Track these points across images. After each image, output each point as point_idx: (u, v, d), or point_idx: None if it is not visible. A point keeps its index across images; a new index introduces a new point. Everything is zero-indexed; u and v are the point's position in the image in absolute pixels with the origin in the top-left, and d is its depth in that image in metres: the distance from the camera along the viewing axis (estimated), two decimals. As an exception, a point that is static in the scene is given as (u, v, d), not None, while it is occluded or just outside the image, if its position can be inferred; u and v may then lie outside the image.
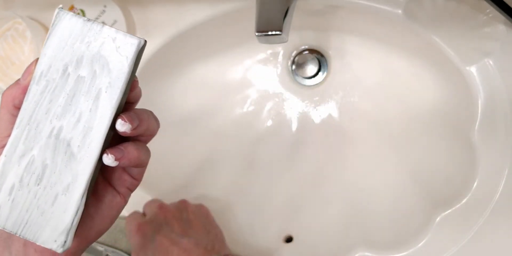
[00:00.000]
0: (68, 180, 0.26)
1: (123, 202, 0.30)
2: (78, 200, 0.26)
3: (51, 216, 0.26)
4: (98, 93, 0.25)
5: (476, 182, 0.45)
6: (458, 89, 0.47)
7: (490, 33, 0.44)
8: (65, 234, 0.26)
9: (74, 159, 0.26)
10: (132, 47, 0.25)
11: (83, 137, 0.26)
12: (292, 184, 0.58)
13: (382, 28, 0.51)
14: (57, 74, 0.26)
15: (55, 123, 0.26)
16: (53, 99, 0.26)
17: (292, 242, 0.56)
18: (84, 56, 0.25)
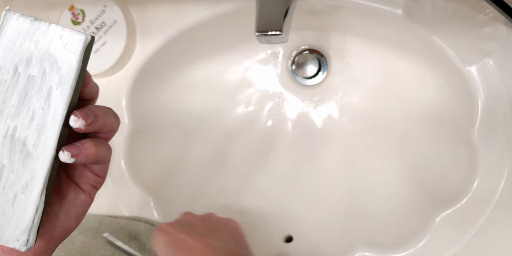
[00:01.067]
0: (26, 178, 0.26)
1: (88, 200, 0.30)
2: (37, 197, 0.26)
3: (12, 215, 0.26)
4: (49, 91, 0.26)
5: (476, 182, 0.45)
6: (458, 89, 0.47)
7: (490, 33, 0.44)
8: (26, 232, 0.26)
9: (31, 158, 0.26)
10: (79, 43, 0.26)
11: (38, 135, 0.26)
12: (293, 185, 0.58)
13: (382, 28, 0.51)
14: (8, 75, 0.26)
15: (10, 123, 0.26)
16: (6, 100, 0.26)
17: (292, 242, 0.56)
18: (33, 55, 0.26)
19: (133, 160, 0.57)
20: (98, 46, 0.56)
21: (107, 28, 0.55)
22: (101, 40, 0.55)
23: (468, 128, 0.45)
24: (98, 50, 0.56)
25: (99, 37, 0.56)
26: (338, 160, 0.57)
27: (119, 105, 0.56)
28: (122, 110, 0.56)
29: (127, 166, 0.56)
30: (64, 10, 0.57)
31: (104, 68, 0.55)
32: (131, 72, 0.56)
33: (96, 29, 0.56)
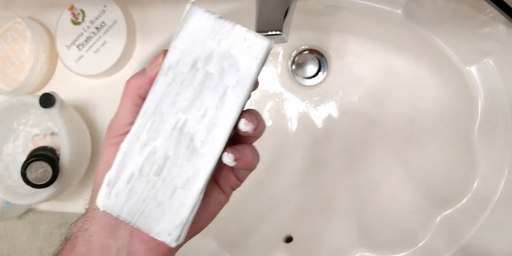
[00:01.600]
0: (189, 174, 0.25)
1: (225, 200, 0.31)
2: (197, 195, 0.26)
3: (167, 209, 0.26)
4: (225, 91, 0.25)
5: (476, 182, 0.45)
6: (458, 89, 0.47)
7: (490, 33, 0.44)
8: (180, 228, 0.26)
9: (196, 154, 0.25)
10: (262, 49, 0.25)
11: (207, 133, 0.25)
12: (292, 185, 0.58)
13: (382, 28, 0.51)
14: (186, 68, 0.25)
15: (180, 116, 0.25)
16: (180, 92, 0.25)
17: (292, 242, 0.56)
18: (214, 53, 0.25)
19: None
20: (98, 46, 0.56)
21: (107, 28, 0.55)
22: (101, 40, 0.55)
23: (468, 128, 0.45)
24: (98, 50, 0.56)
25: (99, 37, 0.56)
26: (338, 160, 0.57)
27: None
28: (122, 110, 0.56)
29: (127, 166, 0.56)
30: (64, 10, 0.57)
31: (104, 68, 0.55)
32: (131, 72, 0.56)
33: (96, 29, 0.56)
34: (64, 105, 0.52)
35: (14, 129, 0.57)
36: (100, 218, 0.28)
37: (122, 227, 0.28)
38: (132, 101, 0.27)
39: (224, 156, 0.26)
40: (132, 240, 0.28)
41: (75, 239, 0.29)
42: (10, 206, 0.57)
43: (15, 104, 0.54)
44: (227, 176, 0.30)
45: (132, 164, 0.26)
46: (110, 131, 0.28)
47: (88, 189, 0.58)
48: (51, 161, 0.50)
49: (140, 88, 0.27)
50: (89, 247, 0.28)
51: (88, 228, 0.29)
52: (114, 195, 0.26)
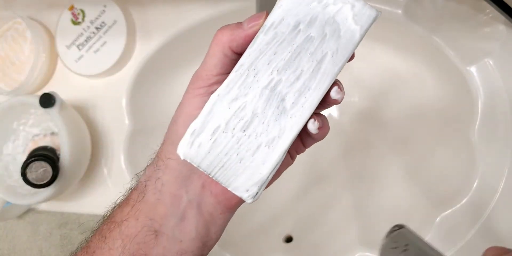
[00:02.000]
0: (275, 133, 0.26)
1: (291, 162, 0.32)
2: (280, 155, 0.26)
3: (249, 165, 0.26)
4: (324, 56, 0.25)
5: (476, 182, 0.44)
6: (458, 89, 0.47)
7: (490, 33, 0.44)
8: (259, 185, 0.26)
9: (285, 115, 0.26)
10: (369, 18, 0.25)
11: (299, 95, 0.25)
12: (292, 185, 0.58)
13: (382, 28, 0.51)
14: (287, 29, 0.25)
15: (275, 75, 0.25)
16: (277, 52, 0.25)
17: (292, 242, 0.56)
18: (318, 16, 0.25)
19: (133, 160, 0.57)
20: (98, 46, 0.56)
21: (107, 28, 0.55)
22: (101, 40, 0.55)
23: (468, 128, 0.45)
24: (98, 50, 0.56)
25: (99, 37, 0.56)
26: (338, 160, 0.57)
27: (119, 105, 0.56)
28: (122, 110, 0.56)
29: (127, 166, 0.56)
30: (64, 10, 0.57)
31: (104, 68, 0.55)
32: (131, 72, 0.56)
33: (96, 29, 0.56)
34: (64, 105, 0.52)
35: (14, 129, 0.57)
36: (174, 168, 0.28)
37: (194, 179, 0.29)
38: (222, 51, 0.27)
39: (309, 123, 0.26)
40: (203, 192, 0.29)
41: (145, 188, 0.29)
42: (10, 206, 0.57)
43: (15, 104, 0.54)
44: (296, 142, 0.30)
45: (220, 117, 0.26)
46: (196, 81, 0.28)
47: (89, 189, 0.58)
48: (51, 161, 0.50)
49: (233, 41, 0.26)
50: (160, 196, 0.29)
51: (160, 177, 0.29)
52: (196, 145, 0.26)
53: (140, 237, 0.28)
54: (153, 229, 0.28)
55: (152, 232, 0.28)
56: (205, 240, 0.30)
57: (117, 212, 0.30)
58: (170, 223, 0.29)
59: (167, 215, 0.29)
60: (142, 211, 0.29)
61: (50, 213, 0.59)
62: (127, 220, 0.29)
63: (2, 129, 0.57)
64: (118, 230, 0.29)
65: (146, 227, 0.28)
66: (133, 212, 0.29)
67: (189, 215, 0.29)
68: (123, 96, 0.56)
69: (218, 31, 0.27)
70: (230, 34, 0.26)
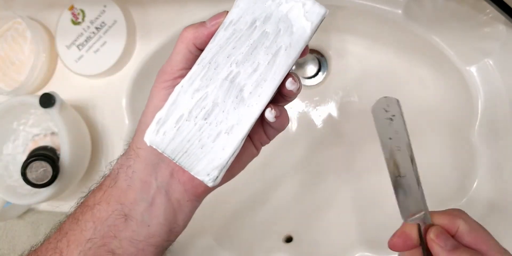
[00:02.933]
0: (233, 121, 0.27)
1: (256, 153, 0.34)
2: (238, 141, 0.28)
3: (209, 150, 0.28)
4: (278, 50, 0.27)
5: (476, 182, 0.45)
6: (458, 89, 0.47)
7: (490, 33, 0.44)
8: (218, 169, 0.28)
9: (243, 104, 0.27)
10: (318, 15, 0.27)
11: (256, 86, 0.27)
12: (292, 184, 0.58)
13: (382, 28, 0.51)
14: (245, 25, 0.27)
15: (234, 68, 0.28)
16: (236, 46, 0.27)
17: (292, 242, 0.56)
18: (272, 14, 0.27)
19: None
20: (98, 46, 0.56)
21: (107, 28, 0.55)
22: (101, 40, 0.55)
23: (468, 128, 0.45)
24: (98, 50, 0.56)
25: (99, 37, 0.56)
26: (338, 160, 0.57)
27: (119, 105, 0.56)
28: (122, 110, 0.56)
29: (127, 166, 0.56)
30: (64, 10, 0.57)
31: (104, 68, 0.55)
32: (131, 72, 0.56)
33: (96, 29, 0.56)
34: (64, 105, 0.52)
35: (14, 129, 0.57)
36: (144, 156, 0.30)
37: (162, 167, 0.30)
38: (186, 47, 0.29)
39: (267, 112, 0.28)
40: (171, 180, 0.31)
41: (117, 175, 0.31)
42: (10, 206, 0.57)
43: (15, 104, 0.54)
44: (259, 133, 0.32)
45: (183, 106, 0.28)
46: (162, 75, 0.30)
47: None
48: (51, 161, 0.50)
49: (197, 38, 0.28)
50: (131, 182, 0.30)
51: (131, 165, 0.31)
52: (162, 133, 0.28)
53: (110, 220, 0.30)
54: (123, 213, 0.30)
55: (122, 216, 0.30)
56: (172, 226, 0.31)
57: (90, 197, 0.32)
58: (139, 208, 0.30)
59: (136, 200, 0.30)
60: (113, 196, 0.30)
61: (50, 213, 0.59)
62: (99, 204, 0.31)
63: (2, 129, 0.57)
64: (90, 213, 0.30)
65: (117, 211, 0.30)
66: (105, 197, 0.31)
67: (158, 201, 0.30)
68: (123, 96, 0.56)
69: (183, 30, 0.29)
70: (194, 32, 0.28)
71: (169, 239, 0.32)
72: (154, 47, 0.55)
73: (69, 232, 0.31)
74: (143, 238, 0.30)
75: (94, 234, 0.30)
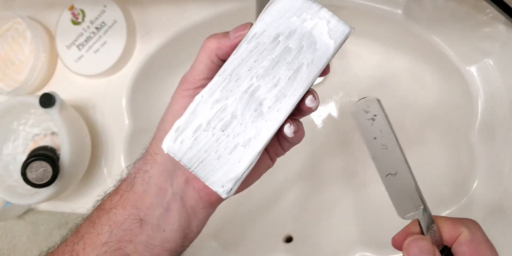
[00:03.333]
0: (251, 135, 0.28)
1: (272, 165, 0.34)
2: (255, 155, 0.28)
3: (226, 162, 0.28)
4: (300, 66, 0.27)
5: (476, 182, 0.44)
6: (458, 89, 0.47)
7: (490, 33, 0.44)
8: (233, 182, 0.28)
9: (262, 118, 0.28)
10: (342, 34, 0.28)
11: (275, 101, 0.27)
12: (293, 185, 0.58)
13: (382, 28, 0.51)
14: (268, 39, 0.27)
15: (254, 81, 0.28)
16: (258, 60, 0.27)
17: (292, 242, 0.56)
18: (297, 30, 0.27)
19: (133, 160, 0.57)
20: (98, 46, 0.56)
21: (107, 28, 0.55)
22: (101, 40, 0.55)
23: (468, 128, 0.45)
24: (98, 50, 0.56)
25: (99, 37, 0.56)
26: (338, 160, 0.57)
27: (119, 105, 0.56)
28: (122, 110, 0.56)
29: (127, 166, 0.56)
30: (64, 10, 0.57)
31: (104, 68, 0.55)
32: (131, 72, 0.56)
33: (96, 29, 0.56)
34: (64, 105, 0.52)
35: (14, 129, 0.57)
36: (161, 162, 0.31)
37: (178, 174, 0.31)
38: (209, 57, 0.29)
39: (285, 127, 0.28)
40: (186, 187, 0.31)
41: (134, 179, 0.31)
42: (10, 206, 0.57)
43: (15, 104, 0.54)
44: (275, 145, 0.32)
45: (202, 116, 0.28)
46: (183, 84, 0.30)
47: (89, 189, 0.58)
48: (51, 161, 0.50)
49: (220, 48, 0.29)
50: (147, 188, 0.31)
51: (148, 170, 0.31)
52: (179, 141, 0.28)
53: (126, 224, 0.30)
54: (138, 217, 0.30)
55: (137, 220, 0.30)
56: (186, 232, 0.32)
57: (107, 201, 0.32)
58: (155, 213, 0.30)
59: (152, 205, 0.30)
60: (129, 201, 0.31)
61: (50, 213, 0.59)
62: (115, 208, 0.31)
63: (2, 129, 0.57)
64: (106, 217, 0.31)
65: (133, 215, 0.30)
66: (121, 201, 0.31)
67: (173, 207, 0.31)
68: (123, 96, 0.56)
69: (206, 40, 0.29)
70: (217, 42, 0.29)
71: (183, 245, 0.32)
72: (154, 47, 0.55)
73: (85, 235, 0.31)
74: (158, 243, 0.30)
75: (110, 237, 0.30)
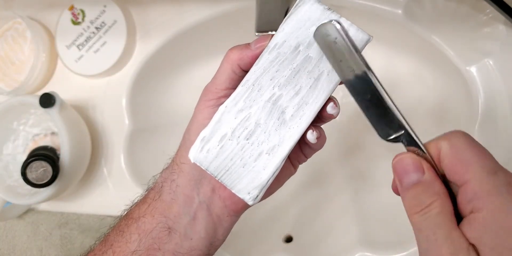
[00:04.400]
0: (275, 142, 0.28)
1: (294, 172, 0.34)
2: (279, 162, 0.28)
3: (251, 170, 0.28)
4: (320, 74, 0.28)
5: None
6: (458, 89, 0.47)
7: (490, 33, 0.44)
8: (259, 189, 0.28)
9: (285, 126, 0.28)
10: (362, 41, 0.27)
11: (297, 109, 0.28)
12: (293, 185, 0.58)
13: (382, 28, 0.51)
14: (289, 49, 0.28)
15: (276, 90, 0.28)
16: (279, 70, 0.28)
17: (292, 242, 0.56)
18: None
19: (133, 160, 0.57)
20: (98, 46, 0.56)
21: (107, 28, 0.55)
22: (101, 40, 0.55)
23: (468, 128, 0.45)
24: (98, 50, 0.56)
25: (99, 37, 0.56)
26: (338, 161, 0.57)
27: (119, 105, 0.56)
28: (122, 110, 0.56)
29: (127, 166, 0.56)
30: (64, 10, 0.57)
31: (104, 68, 0.55)
32: (131, 72, 0.56)
33: (96, 29, 0.56)
34: (64, 105, 0.52)
35: (14, 129, 0.57)
36: (187, 172, 0.31)
37: (204, 183, 0.31)
38: (231, 68, 0.30)
39: (308, 134, 0.29)
40: (212, 195, 0.31)
41: (161, 188, 0.32)
42: (10, 206, 0.57)
43: (15, 104, 0.54)
44: (297, 153, 0.32)
45: (227, 126, 0.29)
46: (206, 94, 0.31)
47: (89, 189, 0.58)
48: (51, 161, 0.50)
49: (242, 59, 0.29)
50: (175, 196, 0.31)
51: (175, 179, 0.32)
52: (205, 150, 0.29)
53: (155, 233, 0.31)
54: (167, 226, 0.31)
55: (166, 228, 0.31)
56: (212, 240, 0.32)
57: (135, 210, 0.32)
58: (182, 222, 0.31)
59: (180, 214, 0.31)
60: (158, 209, 0.31)
61: (50, 213, 0.59)
62: (144, 216, 0.32)
63: (2, 129, 0.57)
64: (135, 226, 0.31)
65: (161, 223, 0.31)
66: (149, 209, 0.32)
67: (200, 216, 0.31)
68: (123, 96, 0.56)
69: (229, 51, 0.30)
70: (239, 53, 0.29)
71: (209, 253, 0.32)
72: (154, 47, 0.55)
73: (114, 244, 0.31)
74: (186, 251, 0.31)
75: (139, 246, 0.31)
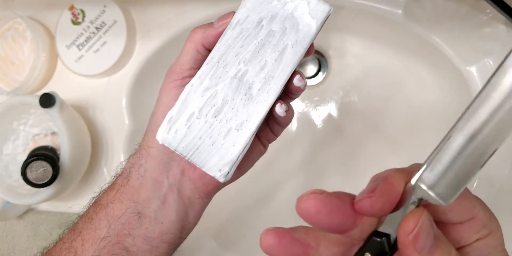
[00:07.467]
0: (243, 118, 0.28)
1: (264, 151, 0.34)
2: (248, 137, 0.28)
3: (220, 147, 0.28)
4: (285, 48, 0.28)
5: (476, 182, 0.44)
6: (458, 89, 0.47)
7: (490, 33, 0.44)
8: (229, 165, 0.28)
9: (252, 101, 0.28)
10: (323, 13, 0.28)
11: (264, 83, 0.28)
12: (293, 185, 0.58)
13: (382, 28, 0.51)
14: (252, 25, 0.28)
15: (242, 66, 0.28)
16: (244, 45, 0.28)
17: (292, 242, 0.56)
18: (278, 13, 0.28)
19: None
20: (98, 46, 0.56)
21: (107, 28, 0.55)
22: (101, 40, 0.55)
23: (468, 128, 0.45)
24: (98, 50, 0.56)
25: (99, 37, 0.56)
26: (338, 160, 0.57)
27: (119, 105, 0.56)
28: (122, 110, 0.56)
29: (127, 166, 0.56)
30: (64, 10, 0.57)
31: (104, 68, 0.55)
32: (131, 72, 0.56)
33: (96, 29, 0.56)
34: (64, 105, 0.52)
35: (14, 129, 0.57)
36: (155, 155, 0.31)
37: (174, 166, 0.31)
38: (195, 47, 0.29)
39: (277, 107, 0.28)
40: (182, 178, 0.31)
41: (129, 174, 0.32)
42: (10, 206, 0.57)
43: (15, 104, 0.54)
44: (265, 130, 0.32)
45: (193, 105, 0.28)
46: (170, 75, 0.30)
47: (89, 189, 0.58)
48: (51, 161, 0.50)
49: (205, 38, 0.29)
50: (143, 181, 0.31)
51: (142, 164, 0.31)
52: (173, 131, 0.29)
53: (124, 218, 0.31)
54: (136, 211, 0.31)
55: (135, 213, 0.31)
56: (184, 224, 0.32)
57: (103, 196, 0.32)
58: (152, 206, 0.31)
59: (149, 198, 0.31)
60: (126, 195, 0.31)
61: (50, 213, 0.59)
62: (112, 202, 0.31)
63: (2, 129, 0.57)
64: (104, 212, 0.31)
65: (130, 209, 0.31)
66: (118, 195, 0.31)
67: (170, 199, 0.31)
68: (123, 96, 0.56)
69: (192, 31, 0.30)
70: (202, 32, 0.29)
71: (181, 236, 0.32)
72: (154, 47, 0.55)
73: (83, 231, 0.31)
74: (157, 235, 0.31)
75: (108, 232, 0.30)
